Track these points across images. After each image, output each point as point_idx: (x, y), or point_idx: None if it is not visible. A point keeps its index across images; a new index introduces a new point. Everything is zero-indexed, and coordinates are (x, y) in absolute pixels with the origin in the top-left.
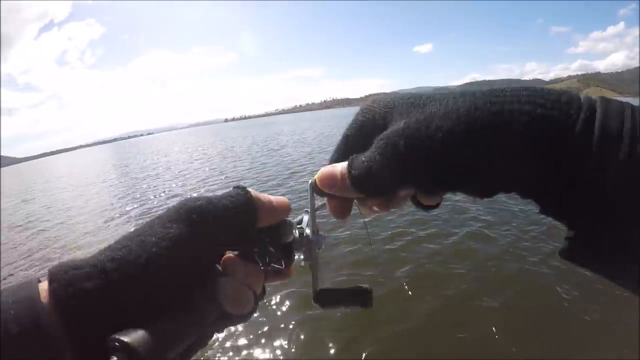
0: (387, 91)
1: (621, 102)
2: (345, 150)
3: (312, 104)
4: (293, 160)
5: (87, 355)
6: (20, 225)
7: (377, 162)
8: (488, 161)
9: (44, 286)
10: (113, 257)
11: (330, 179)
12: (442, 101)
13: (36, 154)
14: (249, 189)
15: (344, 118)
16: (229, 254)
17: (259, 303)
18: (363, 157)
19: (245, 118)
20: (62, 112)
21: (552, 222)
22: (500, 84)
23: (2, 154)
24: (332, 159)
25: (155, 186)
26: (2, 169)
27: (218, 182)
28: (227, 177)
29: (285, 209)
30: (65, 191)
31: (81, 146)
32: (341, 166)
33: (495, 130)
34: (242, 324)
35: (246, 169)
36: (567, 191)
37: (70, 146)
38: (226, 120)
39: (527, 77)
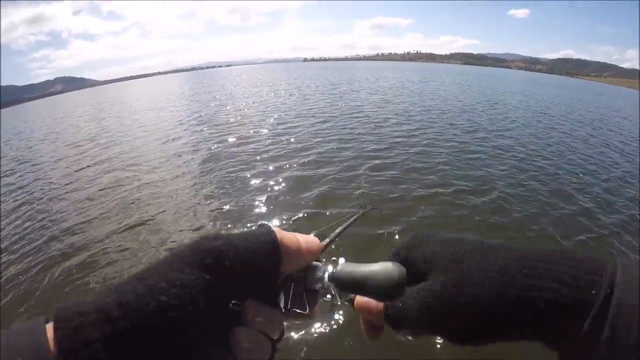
0: (475, 52)
1: None
2: None
3: (394, 54)
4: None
5: None
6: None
7: (412, 312)
8: (509, 330)
9: (50, 331)
10: (120, 301)
11: (367, 309)
12: (479, 262)
13: (116, 77)
14: (275, 229)
15: (423, 72)
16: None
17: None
18: (400, 302)
19: (324, 60)
20: (143, 40)
21: None
22: (595, 66)
23: (84, 77)
24: None
25: (216, 112)
26: (84, 90)
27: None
28: (267, 109)
29: (315, 253)
30: (135, 112)
31: (159, 73)
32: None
33: (519, 310)
34: None
35: (293, 105)
36: None
37: (149, 72)
38: (305, 60)
39: (625, 65)
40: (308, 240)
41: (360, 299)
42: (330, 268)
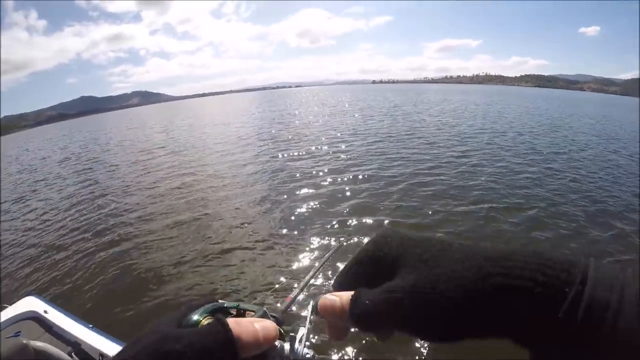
0: (545, 74)
1: (616, 267)
2: (350, 277)
3: (463, 77)
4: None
5: None
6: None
7: (380, 309)
8: (481, 327)
9: None
10: None
11: (331, 309)
12: (449, 260)
13: (190, 94)
14: (231, 322)
15: (491, 96)
16: None
17: None
18: (367, 300)
19: (392, 82)
20: (217, 59)
21: None
22: None
23: (159, 92)
24: (337, 282)
25: (280, 129)
26: (161, 104)
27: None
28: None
29: (272, 340)
30: (205, 126)
31: (232, 91)
32: (344, 299)
33: (493, 307)
34: None
35: (352, 125)
36: None
37: (222, 90)
38: (374, 82)
39: None
40: (265, 327)
41: (323, 300)
42: (287, 346)
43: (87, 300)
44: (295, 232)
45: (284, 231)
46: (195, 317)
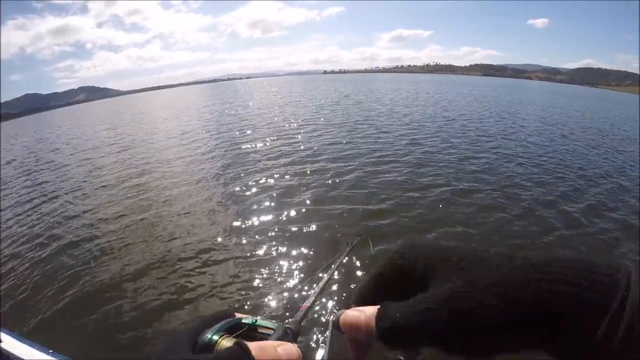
0: (494, 63)
1: None
2: (375, 290)
3: (414, 66)
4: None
5: None
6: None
7: (413, 323)
8: (522, 338)
9: None
10: None
11: (355, 325)
12: (487, 267)
13: (139, 88)
14: (253, 346)
15: (440, 85)
16: None
17: None
18: (397, 313)
19: (343, 72)
20: (166, 52)
21: None
22: (615, 75)
23: (107, 87)
24: (358, 297)
25: (230, 122)
26: (108, 99)
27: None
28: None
29: None
30: (154, 121)
31: (182, 84)
32: (368, 314)
33: (535, 315)
34: None
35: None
36: None
37: (172, 83)
38: (325, 72)
39: None
40: (289, 352)
41: (345, 316)
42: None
43: (44, 321)
44: (255, 223)
45: (242, 225)
46: (210, 335)
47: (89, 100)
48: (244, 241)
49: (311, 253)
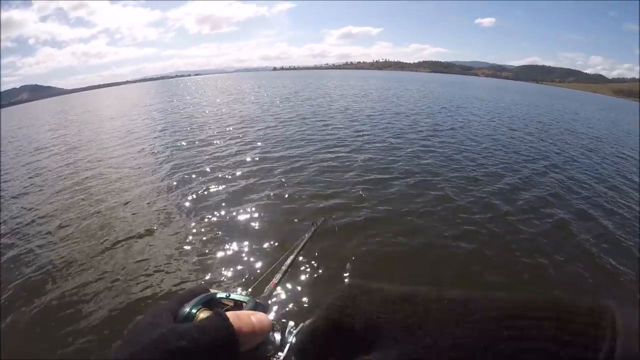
0: (443, 60)
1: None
2: (310, 349)
3: (364, 63)
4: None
5: None
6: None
7: None
8: None
9: None
10: None
11: None
12: (441, 325)
13: (84, 86)
14: (231, 315)
15: (388, 81)
16: None
17: None
18: None
19: (293, 69)
20: (112, 48)
21: None
22: (559, 72)
23: (51, 85)
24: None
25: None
26: (52, 98)
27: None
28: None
29: (267, 332)
30: (98, 121)
31: (129, 82)
32: None
33: None
34: None
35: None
36: None
37: (118, 81)
38: (274, 69)
39: (588, 71)
40: (261, 320)
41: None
42: (277, 336)
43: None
44: (214, 218)
45: (195, 219)
46: (189, 309)
47: (32, 100)
48: (208, 228)
49: (278, 236)
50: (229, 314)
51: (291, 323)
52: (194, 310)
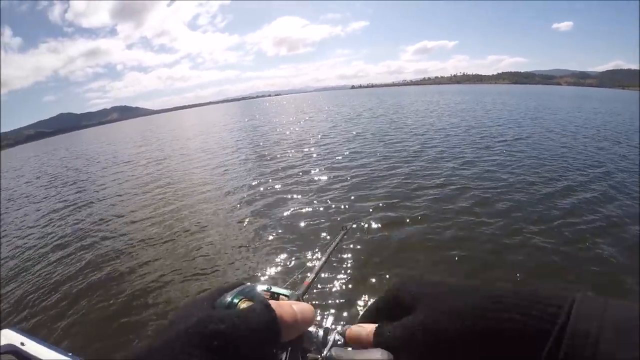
0: (522, 70)
1: (600, 299)
2: (374, 312)
3: (442, 77)
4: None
5: None
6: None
7: (397, 340)
8: (480, 355)
9: None
10: None
11: (357, 338)
12: (455, 298)
13: (169, 107)
14: (273, 304)
15: (466, 95)
16: None
17: None
18: (388, 332)
19: (371, 86)
20: (195, 71)
21: None
22: None
23: (138, 106)
24: (363, 316)
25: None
26: (139, 118)
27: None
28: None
29: (309, 322)
30: (180, 139)
31: (211, 102)
32: (368, 330)
33: (489, 340)
34: None
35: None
36: None
37: (201, 102)
38: (352, 87)
39: None
40: (303, 310)
41: (351, 330)
42: (321, 332)
43: (67, 326)
44: (291, 229)
45: (279, 230)
46: (231, 298)
47: (121, 119)
48: (260, 231)
49: (313, 239)
50: (271, 302)
51: (330, 319)
52: (235, 300)
